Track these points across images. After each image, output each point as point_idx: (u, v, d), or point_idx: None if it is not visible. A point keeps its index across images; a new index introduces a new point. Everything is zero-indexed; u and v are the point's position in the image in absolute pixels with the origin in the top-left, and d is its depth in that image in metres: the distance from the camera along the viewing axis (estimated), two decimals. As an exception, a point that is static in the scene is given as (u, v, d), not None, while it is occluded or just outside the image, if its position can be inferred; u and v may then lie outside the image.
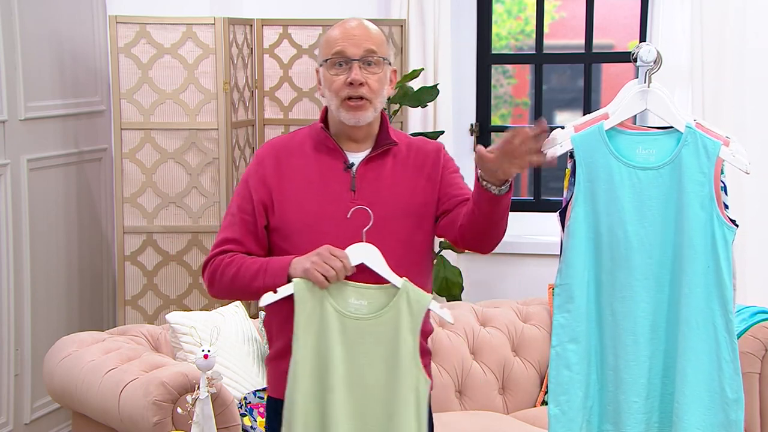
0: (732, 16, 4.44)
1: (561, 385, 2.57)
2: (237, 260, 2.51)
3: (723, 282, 2.48)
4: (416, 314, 2.43)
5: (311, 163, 2.54)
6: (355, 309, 2.42)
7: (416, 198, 2.54)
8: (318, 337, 2.41)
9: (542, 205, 4.97)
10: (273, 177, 2.53)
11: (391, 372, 2.41)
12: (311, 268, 2.38)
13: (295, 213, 2.50)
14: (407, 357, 2.41)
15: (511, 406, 4.04)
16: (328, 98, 2.51)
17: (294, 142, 2.59)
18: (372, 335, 2.42)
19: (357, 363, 2.42)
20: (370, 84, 2.48)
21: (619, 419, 2.56)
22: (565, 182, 2.60)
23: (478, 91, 5.00)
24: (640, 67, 2.59)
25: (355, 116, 2.49)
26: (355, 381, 2.42)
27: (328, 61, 2.49)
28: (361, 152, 2.55)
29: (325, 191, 2.50)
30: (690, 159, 2.50)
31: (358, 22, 2.53)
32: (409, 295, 2.43)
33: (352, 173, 2.52)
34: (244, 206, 2.54)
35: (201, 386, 2.55)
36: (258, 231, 2.53)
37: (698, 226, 2.48)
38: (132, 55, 4.31)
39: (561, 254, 2.58)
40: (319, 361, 2.41)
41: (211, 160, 4.35)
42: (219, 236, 2.58)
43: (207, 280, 2.57)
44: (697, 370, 2.49)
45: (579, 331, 2.56)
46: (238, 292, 2.53)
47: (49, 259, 4.44)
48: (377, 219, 2.47)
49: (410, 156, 2.57)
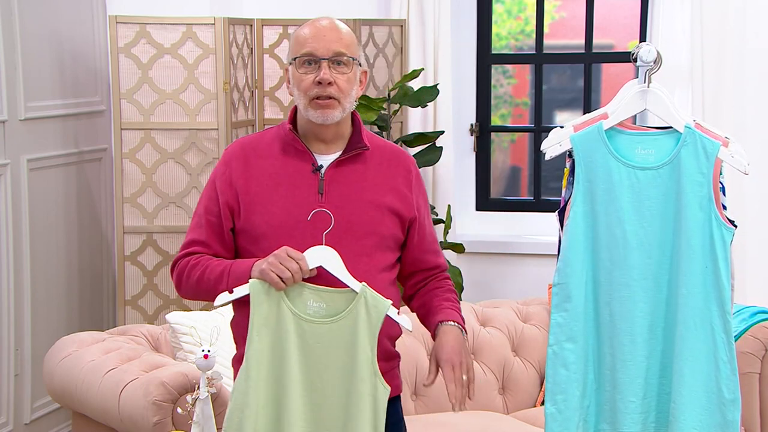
0: (732, 16, 4.44)
1: (558, 385, 2.57)
2: (202, 262, 2.49)
3: (721, 283, 2.48)
4: (374, 320, 2.39)
5: (279, 165, 2.50)
6: (313, 312, 2.39)
7: (387, 203, 2.50)
8: (273, 340, 2.38)
9: (542, 205, 4.97)
10: (240, 179, 2.50)
11: (348, 378, 2.38)
12: (267, 269, 2.36)
13: (261, 216, 2.47)
14: (364, 363, 2.38)
15: (511, 406, 4.04)
16: (297, 97, 2.49)
17: (262, 142, 2.55)
18: (329, 339, 2.39)
19: (313, 367, 2.39)
20: (339, 84, 2.46)
21: (616, 419, 2.56)
22: (564, 181, 2.60)
23: (478, 91, 5.00)
24: (640, 67, 2.60)
25: (323, 114, 2.46)
26: (311, 385, 2.39)
27: (297, 59, 2.47)
28: (330, 154, 2.51)
29: (293, 194, 2.47)
30: (689, 159, 2.50)
31: (328, 21, 2.52)
32: (367, 300, 2.39)
33: (320, 176, 2.49)
34: (211, 207, 2.52)
35: (201, 386, 2.55)
36: (224, 233, 2.51)
37: (696, 227, 2.48)
38: (132, 55, 4.31)
39: (559, 253, 2.58)
40: (275, 364, 2.38)
41: (211, 160, 4.35)
42: (186, 237, 2.56)
43: (175, 282, 2.56)
44: (694, 371, 2.49)
45: (576, 331, 2.56)
46: (204, 293, 2.51)
47: (49, 259, 4.44)
48: (344, 223, 2.44)
49: (382, 163, 2.54)
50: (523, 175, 5.27)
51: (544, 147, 2.62)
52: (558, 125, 2.75)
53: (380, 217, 2.49)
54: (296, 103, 2.51)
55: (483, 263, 4.79)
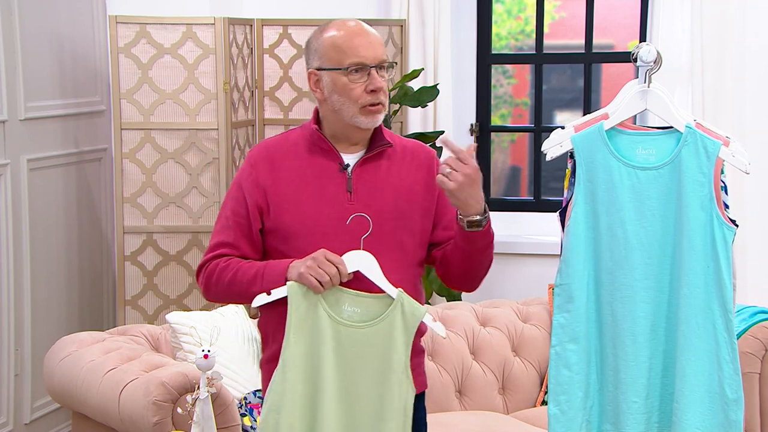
0: (732, 16, 4.44)
1: (561, 385, 2.57)
2: (233, 264, 2.50)
3: (723, 282, 2.48)
4: (410, 327, 2.43)
5: (306, 165, 2.52)
6: (348, 316, 2.41)
7: (412, 200, 2.53)
8: (310, 342, 2.40)
9: (542, 205, 4.97)
10: (267, 179, 2.52)
11: (382, 382, 2.41)
12: (306, 272, 2.37)
13: (292, 215, 2.49)
14: (398, 368, 2.41)
15: (511, 406, 4.04)
16: (340, 104, 2.49)
17: (287, 143, 2.57)
18: (364, 344, 2.41)
19: (348, 370, 2.41)
20: (384, 88, 2.50)
21: (619, 419, 2.56)
22: (566, 182, 2.60)
23: (478, 91, 5.00)
24: (640, 67, 2.59)
25: (373, 120, 2.50)
26: (345, 388, 2.41)
27: (348, 68, 2.47)
28: (355, 153, 2.54)
29: (322, 193, 2.49)
30: (690, 159, 2.50)
31: (361, 26, 2.53)
32: (404, 307, 2.42)
33: (347, 174, 2.51)
34: (238, 209, 2.53)
35: (201, 386, 2.54)
36: (253, 234, 2.52)
37: (698, 227, 2.48)
38: (132, 55, 4.31)
39: (561, 254, 2.58)
40: (310, 366, 2.40)
41: (211, 160, 4.35)
42: (213, 240, 2.56)
43: (202, 285, 2.56)
44: (696, 371, 2.49)
45: (579, 331, 2.56)
46: (235, 296, 2.52)
47: (49, 259, 4.44)
48: (374, 218, 2.47)
49: (405, 158, 2.57)
50: (523, 175, 5.27)
51: (545, 148, 2.62)
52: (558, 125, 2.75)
53: (409, 211, 2.52)
54: (336, 108, 2.51)
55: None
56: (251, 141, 4.57)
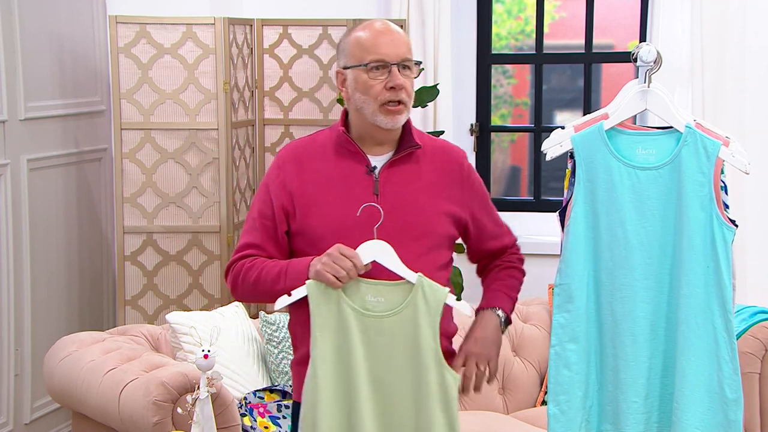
0: (732, 16, 4.44)
1: (560, 385, 2.57)
2: (257, 264, 2.51)
3: (722, 282, 2.48)
4: (433, 309, 2.43)
5: (332, 167, 2.52)
6: (372, 306, 2.42)
7: (439, 205, 2.53)
8: (337, 337, 2.41)
9: (542, 205, 4.97)
10: (294, 181, 2.52)
11: (413, 368, 2.42)
12: (321, 269, 2.39)
13: (318, 218, 2.49)
14: (428, 353, 2.41)
15: (511, 406, 4.04)
16: (361, 102, 2.49)
17: (315, 145, 2.57)
18: (391, 332, 2.42)
19: (379, 361, 2.42)
20: (407, 88, 2.49)
21: (619, 419, 2.56)
22: (565, 182, 2.60)
23: (478, 91, 5.00)
24: (640, 67, 2.60)
25: (393, 120, 2.48)
26: (378, 378, 2.42)
27: (368, 65, 2.47)
28: (383, 155, 2.54)
29: (348, 195, 2.49)
30: (690, 159, 2.50)
31: (386, 25, 2.53)
32: (425, 290, 2.42)
33: (374, 176, 2.51)
34: (265, 211, 2.54)
35: (201, 386, 2.54)
36: (279, 236, 2.53)
37: (698, 227, 2.48)
38: (132, 55, 4.31)
39: (561, 254, 2.58)
40: (341, 361, 2.41)
41: (211, 160, 4.35)
42: (240, 241, 2.58)
43: (230, 285, 2.58)
44: (696, 371, 2.49)
45: (578, 331, 2.56)
46: (262, 295, 2.54)
47: (49, 259, 4.44)
48: (400, 224, 2.46)
49: (434, 160, 2.57)
50: (523, 175, 5.27)
51: (545, 148, 2.62)
52: (558, 125, 2.75)
53: (435, 217, 2.52)
54: (358, 107, 2.51)
55: (483, 263, 4.78)
56: (251, 141, 4.57)
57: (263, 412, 3.55)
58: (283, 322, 3.75)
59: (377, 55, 2.47)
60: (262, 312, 3.85)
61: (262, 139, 4.58)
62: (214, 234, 4.36)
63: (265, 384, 3.71)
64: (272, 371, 3.73)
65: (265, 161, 4.59)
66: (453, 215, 2.55)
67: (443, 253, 2.56)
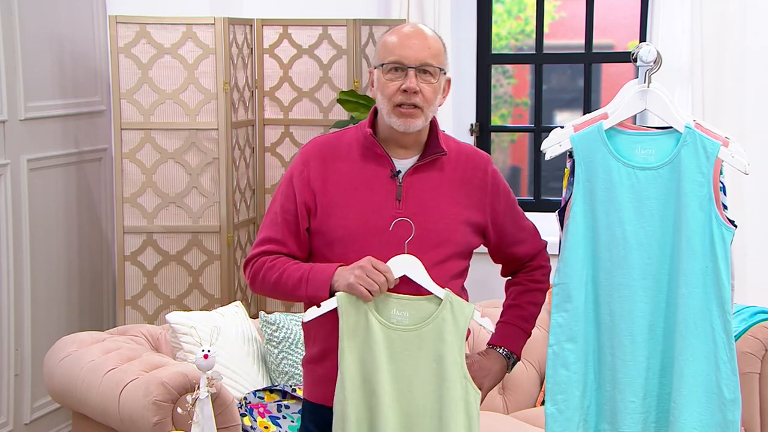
0: (732, 16, 4.44)
1: (558, 385, 2.57)
2: (279, 264, 2.50)
3: (721, 282, 2.48)
4: (461, 325, 2.44)
5: (357, 169, 2.51)
6: (397, 321, 2.42)
7: (461, 213, 2.53)
8: (363, 350, 2.42)
9: (542, 205, 4.96)
10: (318, 180, 2.51)
11: (439, 383, 2.42)
12: (355, 282, 2.38)
13: (338, 219, 2.48)
14: (454, 368, 2.42)
15: (511, 406, 4.04)
16: (380, 102, 2.50)
17: (341, 143, 2.56)
18: (416, 346, 2.42)
19: (403, 374, 2.42)
20: (425, 93, 2.47)
21: (616, 419, 2.56)
22: (564, 182, 2.60)
23: (478, 91, 5.00)
24: (640, 67, 2.59)
25: (405, 123, 2.47)
26: (402, 392, 2.43)
27: (385, 65, 2.47)
28: (408, 159, 2.53)
29: (371, 199, 2.48)
30: (689, 159, 2.50)
31: (416, 29, 2.52)
32: (453, 306, 2.44)
33: (398, 181, 2.50)
34: (288, 206, 2.53)
35: (201, 386, 2.54)
36: (300, 233, 2.53)
37: (697, 227, 2.48)
38: (132, 55, 4.31)
39: (559, 254, 2.58)
40: (366, 374, 2.42)
41: (211, 160, 4.35)
42: (261, 234, 2.57)
43: (249, 279, 2.57)
44: (694, 371, 2.49)
45: (577, 331, 2.56)
46: (280, 295, 2.54)
47: (49, 259, 4.44)
48: (419, 231, 2.46)
49: (459, 167, 2.56)
50: (523, 175, 5.27)
51: (544, 147, 2.62)
52: (558, 125, 2.75)
53: (455, 226, 2.52)
54: (379, 107, 2.51)
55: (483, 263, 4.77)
56: (251, 141, 4.57)
57: (263, 412, 3.55)
58: (283, 322, 3.75)
59: (395, 56, 2.47)
60: (262, 312, 3.85)
61: (262, 139, 4.58)
62: (214, 234, 4.36)
63: (265, 384, 3.71)
64: (272, 371, 3.73)
65: (265, 161, 4.59)
66: (474, 224, 2.55)
67: (460, 262, 2.56)
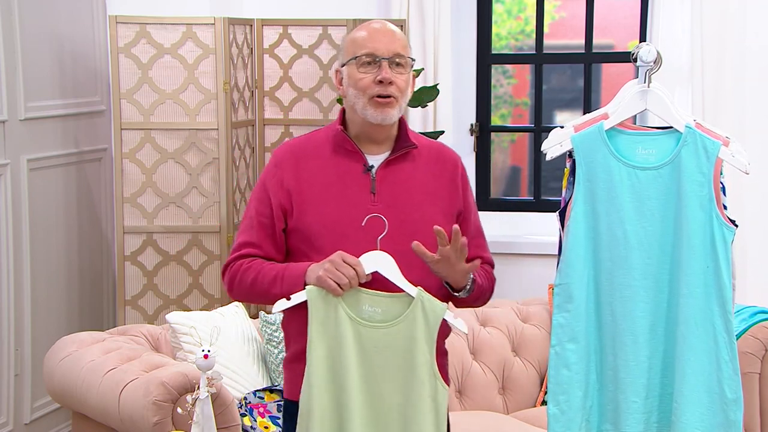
0: (732, 16, 4.44)
1: (560, 385, 2.57)
2: (255, 266, 2.51)
3: (722, 282, 2.48)
4: (432, 324, 2.44)
5: (330, 165, 2.53)
6: (368, 316, 2.42)
7: (435, 203, 2.54)
8: (332, 344, 2.42)
9: (542, 205, 4.97)
10: (291, 179, 2.53)
11: (408, 381, 2.42)
12: (324, 275, 2.39)
13: (315, 216, 2.50)
14: (424, 366, 2.42)
15: (511, 406, 4.04)
16: (353, 97, 2.51)
17: (311, 143, 2.58)
18: (386, 343, 2.42)
19: (372, 371, 2.42)
20: (398, 83, 2.49)
21: (619, 419, 2.56)
22: (564, 182, 2.60)
23: (478, 91, 5.00)
24: (640, 67, 2.60)
25: (382, 113, 2.49)
26: (370, 389, 2.42)
27: (357, 59, 2.49)
28: (380, 154, 2.55)
29: (345, 194, 2.50)
30: (689, 159, 2.50)
31: (383, 24, 2.56)
32: (424, 305, 2.43)
33: (371, 175, 2.52)
34: (262, 209, 2.55)
35: (201, 386, 2.54)
36: (276, 234, 2.54)
37: (697, 227, 2.48)
38: (132, 55, 4.31)
39: (560, 254, 2.58)
40: (335, 369, 2.42)
41: (211, 160, 4.35)
42: (237, 239, 2.59)
43: (226, 285, 2.59)
44: (696, 371, 2.49)
45: (578, 331, 2.56)
46: (257, 296, 2.55)
47: (49, 259, 4.44)
48: (397, 222, 2.47)
49: (430, 161, 2.58)
50: (523, 175, 5.27)
51: (544, 147, 2.62)
52: (558, 125, 2.75)
53: (432, 214, 2.52)
54: (351, 103, 2.52)
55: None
56: (251, 141, 4.57)
57: (263, 412, 3.55)
58: (283, 322, 3.75)
59: (368, 49, 2.49)
60: (262, 312, 3.85)
61: (262, 139, 4.58)
62: (214, 234, 4.36)
63: (265, 384, 3.71)
64: (272, 371, 3.73)
65: (265, 161, 4.59)
66: (447, 214, 2.56)
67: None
